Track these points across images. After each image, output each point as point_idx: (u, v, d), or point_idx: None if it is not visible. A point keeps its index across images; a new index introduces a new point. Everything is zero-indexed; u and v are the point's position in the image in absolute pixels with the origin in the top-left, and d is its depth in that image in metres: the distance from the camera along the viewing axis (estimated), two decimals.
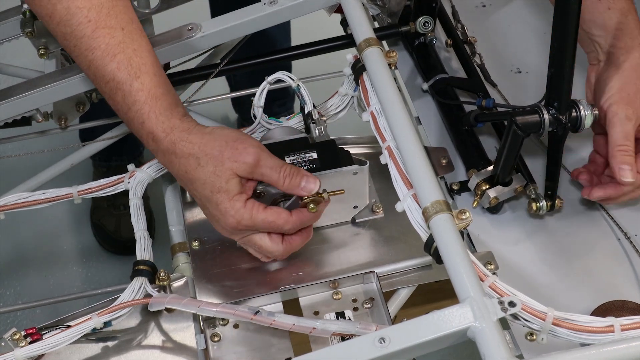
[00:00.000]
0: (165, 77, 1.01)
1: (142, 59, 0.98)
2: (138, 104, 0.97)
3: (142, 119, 0.98)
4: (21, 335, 0.96)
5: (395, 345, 0.77)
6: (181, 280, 1.06)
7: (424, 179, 0.89)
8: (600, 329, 0.81)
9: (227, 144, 0.96)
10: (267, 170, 0.96)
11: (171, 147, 0.97)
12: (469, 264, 0.81)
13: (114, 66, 0.97)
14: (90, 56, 0.98)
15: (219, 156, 0.95)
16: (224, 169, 0.95)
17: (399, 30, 1.29)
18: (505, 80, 1.28)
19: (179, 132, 0.97)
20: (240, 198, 0.96)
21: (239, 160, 0.95)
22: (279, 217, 0.97)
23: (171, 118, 0.97)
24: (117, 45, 0.98)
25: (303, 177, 0.98)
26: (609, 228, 1.09)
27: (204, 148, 0.96)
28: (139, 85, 0.97)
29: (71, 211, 2.12)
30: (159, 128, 0.97)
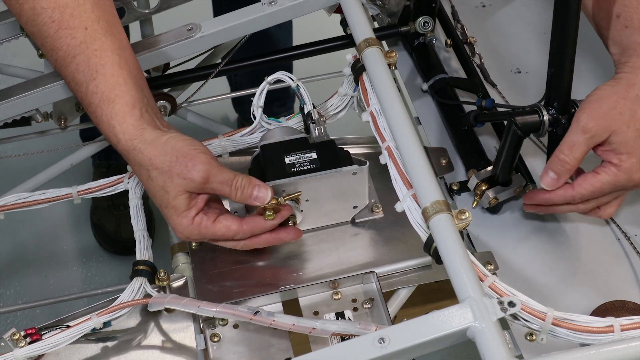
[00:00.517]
0: (129, 76, 0.98)
1: (101, 59, 0.97)
2: (92, 107, 0.97)
3: (96, 121, 0.97)
4: (21, 335, 0.96)
5: (394, 345, 0.77)
6: (181, 281, 1.05)
7: (424, 179, 0.89)
8: (600, 329, 0.81)
9: (177, 160, 0.94)
10: (218, 185, 0.96)
11: (125, 154, 0.97)
12: (468, 264, 0.81)
13: (74, 67, 0.97)
14: (54, 56, 0.98)
15: (168, 172, 0.94)
16: (173, 185, 0.95)
17: (399, 30, 1.29)
18: (505, 80, 1.28)
19: (130, 140, 0.95)
20: (188, 214, 0.96)
21: (187, 178, 0.94)
22: (228, 230, 0.97)
23: (123, 123, 0.96)
24: (78, 45, 0.97)
25: (254, 187, 0.97)
26: (608, 228, 1.09)
27: (154, 161, 0.95)
28: (94, 88, 0.96)
29: (71, 211, 2.12)
30: (111, 132, 0.96)
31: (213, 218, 0.97)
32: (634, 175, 0.97)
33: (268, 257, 1.06)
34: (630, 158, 0.96)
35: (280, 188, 1.02)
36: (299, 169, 1.03)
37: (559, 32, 0.98)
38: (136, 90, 0.98)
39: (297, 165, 1.04)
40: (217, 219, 0.97)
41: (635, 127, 0.95)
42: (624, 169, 0.97)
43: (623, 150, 0.96)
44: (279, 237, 1.01)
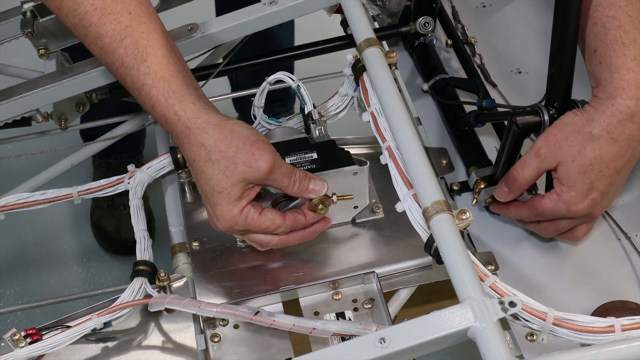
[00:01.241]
0: (177, 58, 0.98)
1: (150, 41, 0.97)
2: (146, 88, 0.96)
3: (151, 102, 0.96)
4: (21, 335, 0.96)
5: (395, 345, 0.77)
6: (181, 281, 1.05)
7: (424, 179, 0.89)
8: (601, 329, 0.81)
9: (245, 146, 0.94)
10: (280, 176, 0.95)
11: (185, 132, 0.95)
12: (469, 264, 0.81)
13: (122, 51, 0.96)
14: (99, 44, 0.98)
15: (233, 157, 0.93)
16: (236, 171, 0.94)
17: (399, 30, 1.28)
18: (505, 80, 1.27)
19: (193, 118, 0.94)
20: (239, 204, 0.95)
21: (253, 166, 0.94)
22: (273, 223, 0.97)
23: (182, 101, 0.95)
24: (124, 30, 0.96)
25: (311, 180, 0.98)
26: (609, 228, 1.09)
27: (219, 144, 0.94)
28: (146, 69, 0.96)
29: (71, 211, 2.12)
30: (170, 111, 0.95)
31: (259, 210, 0.97)
32: (572, 207, 0.99)
33: (268, 257, 1.06)
34: (570, 191, 0.98)
35: None
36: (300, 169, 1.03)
37: (560, 32, 0.98)
38: (187, 73, 0.99)
39: (298, 165, 1.04)
40: (262, 212, 0.97)
41: (580, 163, 0.96)
42: (563, 199, 0.98)
43: (565, 182, 0.97)
44: (313, 230, 1.01)
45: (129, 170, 1.10)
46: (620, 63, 0.93)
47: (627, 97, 0.93)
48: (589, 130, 0.94)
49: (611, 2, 0.94)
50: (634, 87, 0.93)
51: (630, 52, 0.93)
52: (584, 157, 0.95)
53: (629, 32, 0.93)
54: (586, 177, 0.96)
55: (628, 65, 0.93)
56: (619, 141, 0.95)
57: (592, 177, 0.96)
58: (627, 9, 0.94)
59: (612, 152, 0.95)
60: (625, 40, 0.93)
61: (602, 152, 0.95)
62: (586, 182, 0.97)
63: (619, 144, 0.95)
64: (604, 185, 0.98)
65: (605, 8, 0.94)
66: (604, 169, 0.96)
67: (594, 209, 1.00)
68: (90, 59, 1.16)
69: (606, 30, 0.94)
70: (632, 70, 0.93)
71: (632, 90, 0.93)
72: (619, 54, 0.93)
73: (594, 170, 0.96)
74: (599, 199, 0.99)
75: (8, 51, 1.38)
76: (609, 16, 0.94)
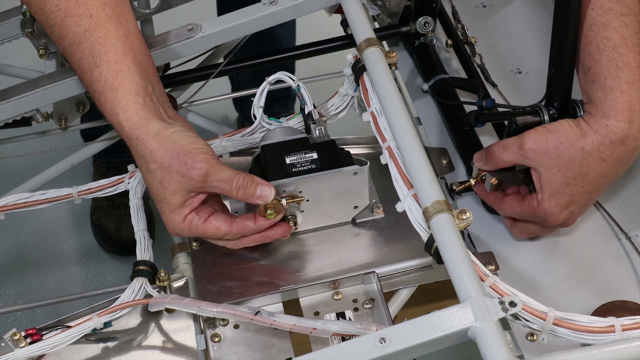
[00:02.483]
0: (133, 64, 0.98)
1: (105, 47, 0.97)
2: (97, 94, 0.97)
3: (101, 108, 0.97)
4: (21, 335, 0.96)
5: (395, 345, 0.77)
6: (181, 281, 1.06)
7: (425, 179, 0.89)
8: (601, 329, 0.81)
9: (177, 156, 0.94)
10: (217, 183, 0.95)
11: (127, 142, 0.97)
12: (469, 264, 0.81)
13: (79, 55, 0.97)
14: (62, 44, 0.99)
15: (167, 167, 0.94)
16: (171, 181, 0.95)
17: (399, 30, 1.28)
18: (505, 80, 1.28)
19: (133, 129, 0.95)
20: (181, 212, 0.97)
21: (186, 176, 0.94)
22: (218, 230, 0.98)
23: (126, 111, 0.95)
24: (83, 33, 0.97)
25: (257, 186, 0.98)
26: (609, 228, 1.09)
27: (154, 155, 0.95)
28: (97, 75, 0.96)
29: (71, 211, 2.12)
30: (114, 121, 0.96)
31: (204, 218, 0.98)
32: (549, 217, 1.00)
33: (269, 257, 1.06)
34: (551, 200, 0.98)
35: (281, 188, 1.02)
36: (300, 169, 1.03)
37: (560, 33, 0.98)
38: (141, 78, 0.98)
39: (298, 165, 1.04)
40: (207, 219, 0.98)
41: (565, 175, 0.97)
42: (543, 208, 0.99)
43: (546, 190, 0.98)
44: (267, 235, 1.01)
45: (129, 170, 1.10)
46: (615, 85, 0.94)
47: (620, 119, 0.94)
48: (582, 145, 0.95)
49: (606, 23, 0.95)
50: (628, 110, 0.94)
51: (624, 74, 0.94)
52: (570, 170, 0.96)
53: (623, 55, 0.94)
54: (568, 190, 0.97)
55: (622, 87, 0.94)
56: (607, 161, 0.96)
57: (573, 191, 0.97)
58: (621, 31, 0.95)
59: (598, 171, 0.96)
60: (619, 62, 0.94)
61: (589, 170, 0.96)
62: (567, 195, 0.98)
63: (606, 164, 0.96)
64: (584, 200, 0.99)
65: (600, 29, 0.95)
66: (587, 185, 0.97)
67: (569, 219, 1.01)
68: None
69: (600, 50, 0.95)
70: (626, 92, 0.94)
71: (626, 113, 0.94)
72: (613, 76, 0.94)
73: (577, 185, 0.97)
74: (577, 211, 1.01)
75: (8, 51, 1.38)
76: (603, 37, 0.95)
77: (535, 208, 1.00)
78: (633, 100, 0.94)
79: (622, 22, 0.95)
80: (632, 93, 0.94)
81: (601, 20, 0.95)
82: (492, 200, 1.06)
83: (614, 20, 0.95)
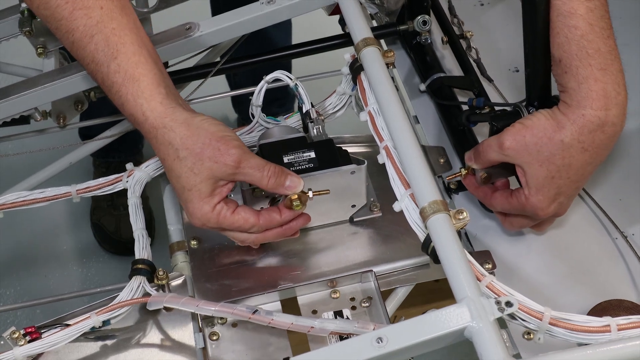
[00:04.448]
0: (148, 55, 0.97)
1: (121, 38, 0.96)
2: (116, 86, 0.96)
3: (121, 101, 0.96)
4: (20, 333, 0.96)
5: (393, 344, 0.77)
6: (180, 279, 1.06)
7: (422, 178, 0.89)
8: (597, 329, 0.81)
9: (210, 142, 0.94)
10: (250, 170, 0.95)
11: (152, 132, 0.95)
12: (466, 264, 0.82)
13: (92, 47, 0.96)
14: (71, 38, 0.97)
15: (199, 153, 0.94)
16: (203, 168, 0.94)
17: (397, 29, 1.29)
18: (502, 78, 1.28)
19: (160, 118, 0.94)
20: (211, 201, 0.96)
21: (219, 161, 0.94)
22: (246, 222, 0.97)
23: (150, 101, 0.95)
24: (95, 25, 0.96)
25: (287, 176, 0.97)
26: (605, 228, 1.09)
27: (186, 141, 0.94)
28: (116, 67, 0.95)
29: (71, 211, 2.12)
30: (137, 111, 0.95)
31: (232, 209, 0.97)
32: (539, 211, 1.00)
33: (267, 255, 1.06)
34: (538, 194, 0.99)
35: None
36: (298, 168, 1.03)
37: (530, 32, 0.98)
38: (158, 70, 0.98)
39: (296, 164, 1.04)
40: (236, 210, 0.97)
41: (548, 169, 0.97)
42: (531, 203, 0.99)
43: (532, 185, 0.98)
44: (290, 227, 1.01)
45: (128, 169, 1.10)
46: (588, 73, 0.94)
47: (596, 107, 0.94)
48: (560, 138, 0.95)
49: (571, 11, 0.94)
50: (603, 98, 0.94)
51: (595, 61, 0.94)
52: (552, 163, 0.96)
53: (592, 41, 0.94)
54: (554, 183, 0.98)
55: (595, 75, 0.94)
56: (588, 150, 0.96)
57: (559, 183, 0.98)
58: (587, 17, 0.94)
59: (581, 160, 0.96)
60: (589, 50, 0.94)
61: (572, 161, 0.96)
62: (553, 187, 0.98)
63: (588, 153, 0.96)
64: (571, 190, 1.00)
65: (566, 18, 0.95)
66: (572, 175, 0.97)
67: (560, 209, 1.02)
68: None
69: (569, 40, 0.95)
70: (599, 80, 0.94)
71: (601, 101, 0.94)
72: (584, 65, 0.94)
73: (562, 177, 0.97)
74: (566, 202, 1.01)
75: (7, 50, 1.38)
76: (570, 26, 0.94)
77: (523, 203, 1.00)
78: (607, 87, 0.94)
79: (587, 8, 0.94)
80: (605, 79, 0.94)
81: (566, 8, 0.94)
82: (482, 196, 1.06)
83: (579, 7, 0.94)
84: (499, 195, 1.04)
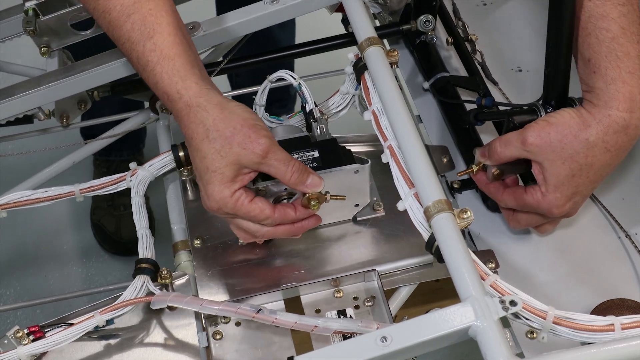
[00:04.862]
0: (183, 37, 0.99)
1: (157, 18, 0.97)
2: (151, 65, 0.96)
3: (155, 79, 0.97)
4: (24, 333, 0.96)
5: (396, 344, 0.77)
6: (183, 279, 1.06)
7: (426, 178, 0.89)
8: (601, 328, 0.81)
9: (242, 128, 0.94)
10: (275, 162, 0.95)
11: (185, 110, 0.95)
12: (470, 263, 0.82)
13: (129, 27, 0.97)
14: (107, 17, 0.98)
15: (229, 137, 0.94)
16: (231, 152, 0.94)
17: (400, 28, 1.29)
18: (506, 78, 1.28)
19: (195, 97, 0.95)
20: (232, 186, 0.95)
21: (247, 148, 0.94)
22: (262, 212, 0.97)
23: (186, 79, 0.96)
24: (132, 5, 0.97)
25: (310, 175, 0.98)
26: (609, 227, 1.09)
27: (218, 123, 0.94)
28: (152, 46, 0.96)
29: (71, 211, 2.12)
30: (172, 89, 0.96)
31: (251, 197, 0.97)
32: (554, 209, 1.00)
33: (270, 255, 1.06)
34: (556, 192, 0.98)
35: (281, 186, 1.02)
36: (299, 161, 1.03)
37: (555, 32, 0.98)
38: (193, 53, 0.99)
39: None
40: (253, 200, 0.97)
41: (570, 167, 0.97)
42: (548, 200, 0.99)
43: (551, 182, 0.98)
44: (301, 226, 1.01)
45: (131, 168, 1.11)
46: (616, 75, 0.95)
47: (622, 109, 0.95)
48: (586, 137, 0.95)
49: (604, 14, 0.95)
50: (629, 100, 0.95)
51: (624, 64, 0.95)
52: (576, 162, 0.96)
53: (623, 45, 0.95)
54: (573, 181, 0.98)
55: (623, 77, 0.95)
56: (611, 151, 0.96)
57: (579, 182, 0.98)
58: (619, 21, 0.95)
59: (602, 161, 0.97)
60: (619, 52, 0.95)
61: (594, 160, 0.96)
62: (572, 186, 0.98)
63: (610, 154, 0.96)
64: (588, 190, 1.00)
65: (599, 20, 0.95)
66: (592, 175, 0.98)
67: (573, 209, 1.02)
68: (92, 57, 1.16)
69: (600, 41, 0.95)
70: (627, 82, 0.94)
71: (627, 103, 0.95)
72: (614, 66, 0.95)
73: (582, 175, 0.97)
74: (580, 201, 1.01)
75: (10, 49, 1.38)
76: (602, 28, 0.95)
77: (539, 200, 1.00)
78: (634, 90, 0.95)
79: (619, 12, 0.95)
80: (633, 83, 0.95)
81: (599, 11, 0.95)
82: (493, 191, 1.06)
83: (612, 10, 0.95)
84: (510, 191, 1.04)
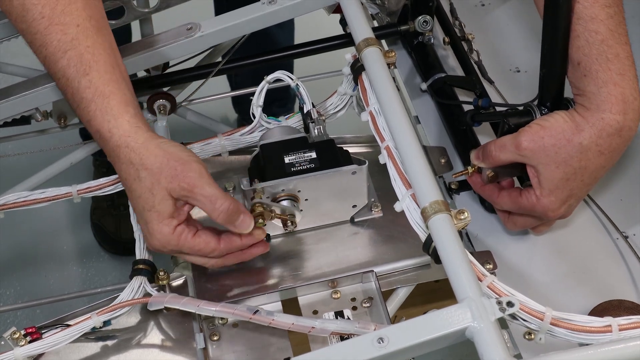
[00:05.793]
0: (120, 75, 0.98)
1: (94, 56, 0.96)
2: (85, 102, 0.96)
3: (88, 116, 0.96)
4: (21, 334, 0.96)
5: (394, 345, 0.77)
6: (180, 280, 1.06)
7: (423, 179, 0.89)
8: (598, 329, 0.81)
9: (169, 162, 0.93)
10: (202, 199, 0.94)
11: (115, 150, 0.95)
12: (467, 264, 0.82)
13: (64, 63, 0.96)
14: (44, 52, 0.98)
15: (157, 173, 0.93)
16: (160, 187, 0.93)
17: (398, 29, 1.29)
18: (503, 79, 1.28)
19: (124, 136, 0.95)
20: (170, 223, 0.95)
21: (174, 182, 0.93)
22: (207, 245, 0.97)
23: (118, 118, 0.95)
24: (70, 41, 0.96)
25: (240, 215, 0.96)
26: (606, 228, 1.09)
27: (145, 161, 0.94)
28: (87, 83, 0.96)
29: (71, 211, 2.12)
30: (104, 127, 0.95)
31: (193, 232, 0.97)
32: (549, 212, 1.00)
33: (268, 256, 1.06)
34: (550, 196, 0.99)
35: (279, 187, 1.02)
36: (299, 168, 1.03)
37: (550, 33, 0.98)
38: (128, 91, 0.98)
39: (297, 164, 1.04)
40: (197, 233, 0.97)
41: (564, 171, 0.97)
42: (542, 203, 1.00)
43: (546, 186, 0.98)
44: (249, 252, 1.01)
45: None
46: (607, 78, 0.95)
47: (615, 111, 0.95)
48: (579, 141, 0.95)
49: (592, 16, 0.95)
50: (622, 102, 0.95)
51: (614, 66, 0.95)
52: (570, 166, 0.96)
53: (612, 47, 0.95)
54: (568, 185, 0.98)
55: (614, 80, 0.95)
56: (605, 154, 0.96)
57: (573, 185, 0.98)
58: (608, 23, 0.95)
59: (596, 164, 0.97)
60: (609, 54, 0.95)
61: (588, 164, 0.97)
62: (567, 189, 0.98)
63: (604, 157, 0.97)
64: (582, 192, 1.00)
65: (587, 22, 0.95)
66: (586, 178, 0.98)
67: (568, 211, 1.02)
68: None
69: (590, 44, 0.95)
70: (619, 84, 0.94)
71: (620, 105, 0.95)
72: (604, 69, 0.95)
73: (577, 179, 0.98)
74: (575, 204, 1.02)
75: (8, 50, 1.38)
76: (591, 30, 0.95)
77: (534, 204, 1.00)
78: (626, 92, 0.95)
79: (607, 14, 0.95)
80: (624, 84, 0.95)
81: (588, 13, 0.95)
82: (488, 194, 1.06)
83: (600, 12, 0.95)
84: (506, 194, 1.04)
